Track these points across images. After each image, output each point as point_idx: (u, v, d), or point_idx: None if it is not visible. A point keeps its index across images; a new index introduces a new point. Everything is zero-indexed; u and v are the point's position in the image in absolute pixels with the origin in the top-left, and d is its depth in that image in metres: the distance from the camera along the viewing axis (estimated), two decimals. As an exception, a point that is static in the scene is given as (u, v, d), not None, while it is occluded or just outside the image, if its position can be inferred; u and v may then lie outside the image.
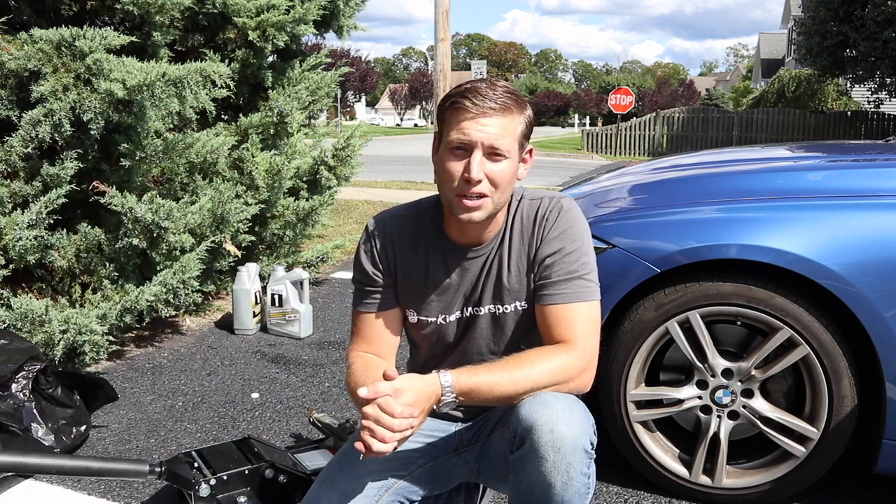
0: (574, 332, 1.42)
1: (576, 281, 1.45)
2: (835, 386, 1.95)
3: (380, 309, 1.55)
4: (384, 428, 1.24)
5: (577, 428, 1.29)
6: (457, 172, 1.39)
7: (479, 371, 1.36)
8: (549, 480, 1.29)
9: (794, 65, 25.64)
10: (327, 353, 3.49)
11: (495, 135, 1.37)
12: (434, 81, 11.60)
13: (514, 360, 1.39)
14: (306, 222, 4.45)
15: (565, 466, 1.28)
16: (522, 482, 1.34)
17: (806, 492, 2.13)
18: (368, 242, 1.55)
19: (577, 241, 1.48)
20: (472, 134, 1.36)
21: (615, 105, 21.01)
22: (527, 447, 1.30)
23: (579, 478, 1.30)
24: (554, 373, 1.37)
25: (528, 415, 1.31)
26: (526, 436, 1.30)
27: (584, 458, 1.30)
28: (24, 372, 2.30)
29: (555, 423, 1.28)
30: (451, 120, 1.39)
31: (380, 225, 1.56)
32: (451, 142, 1.39)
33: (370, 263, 1.54)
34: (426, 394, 1.31)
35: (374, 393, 1.27)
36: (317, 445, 2.21)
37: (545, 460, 1.28)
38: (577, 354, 1.40)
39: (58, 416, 2.36)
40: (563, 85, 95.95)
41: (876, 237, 1.90)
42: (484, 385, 1.34)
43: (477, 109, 1.36)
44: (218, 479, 1.88)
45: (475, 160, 1.37)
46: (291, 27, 4.12)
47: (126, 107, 3.00)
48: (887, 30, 14.44)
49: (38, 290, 3.20)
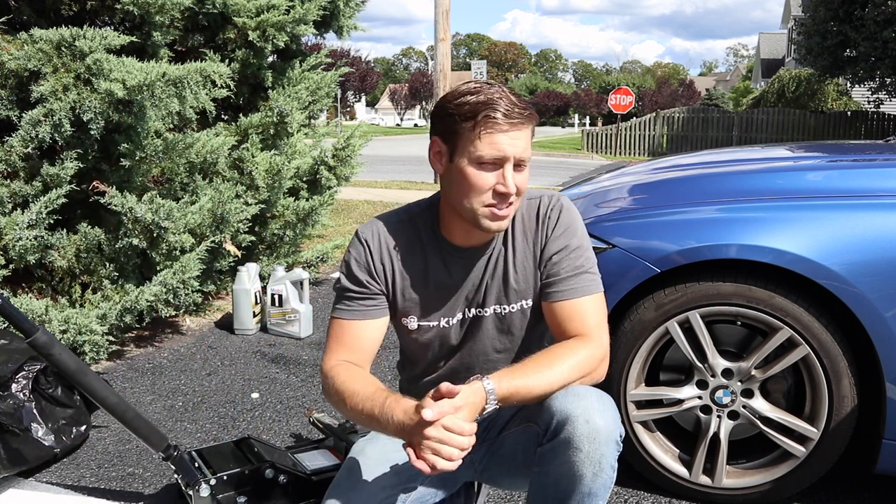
0: (588, 324, 1.45)
1: (583, 275, 1.48)
2: (835, 386, 1.95)
3: (367, 318, 1.52)
4: (453, 447, 1.23)
5: (610, 420, 1.32)
6: (488, 185, 1.38)
7: (517, 375, 1.35)
8: (581, 471, 1.30)
9: (794, 65, 25.64)
10: (327, 353, 3.49)
11: (524, 147, 1.39)
12: (434, 81, 11.61)
13: (544, 359, 1.39)
14: (306, 222, 4.45)
15: (598, 457, 1.30)
16: (550, 474, 1.35)
17: (806, 492, 2.13)
18: (361, 251, 1.52)
19: (580, 237, 1.52)
20: (506, 150, 1.37)
21: (615, 105, 21.01)
22: (561, 438, 1.31)
23: (608, 470, 1.32)
24: (580, 366, 1.39)
25: (562, 407, 1.32)
26: (561, 427, 1.31)
27: (615, 449, 1.33)
28: (24, 372, 2.30)
29: (590, 414, 1.30)
30: (482, 133, 1.37)
31: (373, 233, 1.53)
32: (482, 156, 1.37)
33: (364, 272, 1.51)
34: (475, 404, 1.30)
35: (439, 414, 1.23)
36: (317, 445, 2.21)
37: (579, 451, 1.29)
38: (596, 345, 1.43)
39: (58, 416, 2.36)
40: (563, 85, 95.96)
41: (876, 237, 1.90)
42: (523, 388, 1.34)
43: (509, 124, 1.37)
44: (218, 480, 1.88)
45: (508, 173, 1.38)
46: (291, 27, 4.12)
47: (126, 107, 3.00)
48: (887, 30, 14.44)
49: (38, 290, 3.20)
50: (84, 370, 1.84)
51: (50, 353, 1.77)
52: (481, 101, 1.37)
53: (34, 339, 1.75)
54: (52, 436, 2.30)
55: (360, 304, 1.52)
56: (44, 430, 2.28)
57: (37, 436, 2.26)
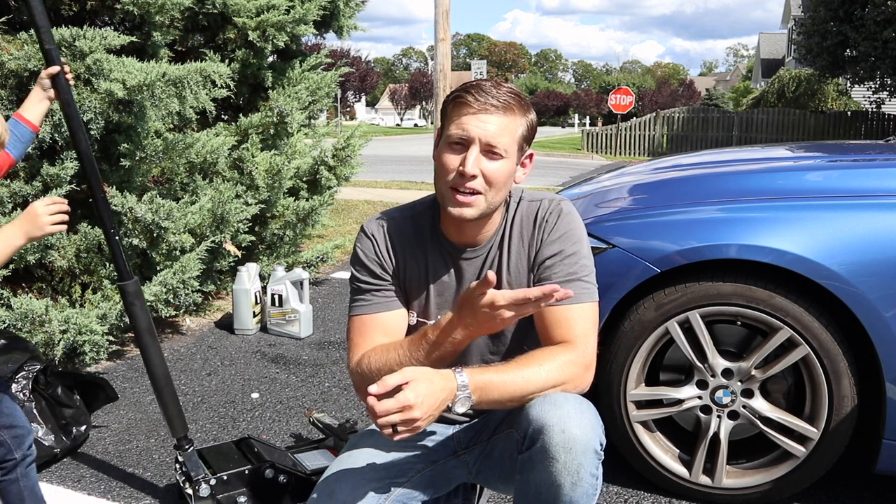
0: (574, 333, 1.42)
1: (575, 283, 1.45)
2: (835, 386, 1.95)
3: (387, 309, 1.51)
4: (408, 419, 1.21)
5: (588, 429, 1.29)
6: (452, 166, 1.39)
7: (491, 370, 1.35)
8: (559, 481, 1.28)
9: (794, 65, 25.64)
10: (327, 353, 3.49)
11: (494, 132, 1.37)
12: (434, 81, 11.60)
13: (524, 359, 1.38)
14: (306, 222, 4.46)
15: (576, 467, 1.27)
16: (531, 483, 1.33)
17: (806, 492, 2.13)
18: (369, 243, 1.53)
19: (577, 243, 1.49)
20: (470, 129, 1.37)
21: (615, 105, 21.01)
22: (537, 447, 1.29)
23: (588, 479, 1.29)
24: (560, 371, 1.37)
25: (539, 415, 1.30)
26: (537, 436, 1.30)
27: (594, 458, 1.30)
28: (24, 372, 2.30)
29: (566, 423, 1.28)
30: (452, 115, 1.40)
31: (378, 227, 1.54)
32: (450, 136, 1.40)
33: (375, 263, 1.52)
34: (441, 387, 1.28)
35: (384, 386, 1.22)
36: (317, 445, 2.21)
37: (556, 461, 1.27)
38: (580, 354, 1.41)
39: (58, 416, 2.36)
40: (563, 85, 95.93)
41: (876, 237, 1.90)
42: (498, 383, 1.33)
43: (478, 105, 1.37)
44: (218, 479, 1.88)
45: (471, 155, 1.37)
46: (291, 27, 4.12)
47: (126, 107, 3.00)
48: (887, 30, 14.44)
49: (38, 290, 3.20)
50: (151, 332, 1.98)
51: (132, 303, 1.93)
52: (464, 86, 1.41)
53: (126, 284, 1.93)
54: (52, 436, 2.30)
55: (376, 295, 1.52)
56: (44, 431, 2.28)
57: (37, 436, 2.26)
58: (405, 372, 1.26)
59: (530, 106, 1.44)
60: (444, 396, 1.29)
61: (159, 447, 2.48)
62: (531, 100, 4.99)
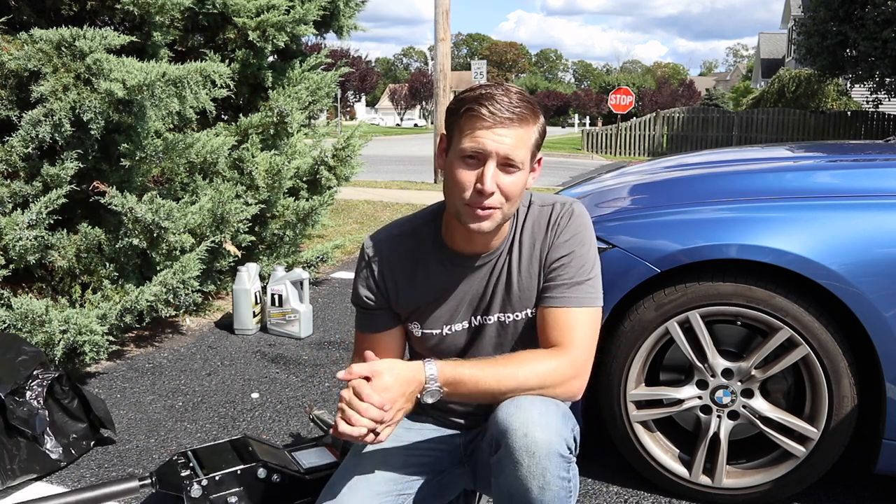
0: (570, 337, 1.41)
1: (579, 286, 1.44)
2: (835, 386, 1.95)
3: (380, 330, 1.56)
4: (354, 411, 1.25)
5: (551, 432, 1.27)
6: (468, 182, 1.34)
7: (465, 364, 1.35)
8: (526, 485, 1.27)
9: (794, 65, 25.63)
10: (327, 353, 3.49)
11: (511, 146, 1.32)
12: (434, 81, 11.60)
13: (504, 358, 1.38)
14: (306, 222, 4.45)
15: (541, 471, 1.25)
16: (502, 486, 1.32)
17: (806, 492, 2.13)
18: (365, 268, 1.54)
19: (586, 245, 1.47)
20: (486, 144, 1.31)
21: (615, 105, 21.00)
22: (502, 451, 1.29)
23: (556, 482, 1.27)
24: (541, 376, 1.35)
25: (503, 418, 1.29)
26: (501, 439, 1.29)
27: (561, 462, 1.27)
28: (38, 379, 2.28)
29: (529, 426, 1.26)
30: (465, 127, 1.34)
31: (376, 248, 1.54)
32: (463, 150, 1.34)
33: (365, 288, 1.54)
34: (407, 379, 1.30)
35: (349, 374, 1.28)
36: (315, 443, 2.21)
37: (520, 465, 1.26)
38: (569, 360, 1.38)
39: (69, 431, 2.33)
40: (563, 85, 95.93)
41: (876, 237, 1.89)
42: (469, 378, 1.33)
43: (493, 119, 1.31)
44: (210, 480, 1.87)
45: (489, 171, 1.32)
46: (291, 27, 4.12)
47: (126, 107, 3.00)
48: (887, 30, 14.44)
49: (38, 290, 3.20)
50: None
51: None
52: (474, 95, 1.34)
53: None
54: (61, 449, 2.28)
55: (371, 317, 1.57)
56: (52, 443, 2.27)
57: (46, 447, 2.25)
58: (373, 365, 1.31)
59: (539, 109, 1.40)
60: (410, 389, 1.31)
61: (159, 447, 2.48)
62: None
